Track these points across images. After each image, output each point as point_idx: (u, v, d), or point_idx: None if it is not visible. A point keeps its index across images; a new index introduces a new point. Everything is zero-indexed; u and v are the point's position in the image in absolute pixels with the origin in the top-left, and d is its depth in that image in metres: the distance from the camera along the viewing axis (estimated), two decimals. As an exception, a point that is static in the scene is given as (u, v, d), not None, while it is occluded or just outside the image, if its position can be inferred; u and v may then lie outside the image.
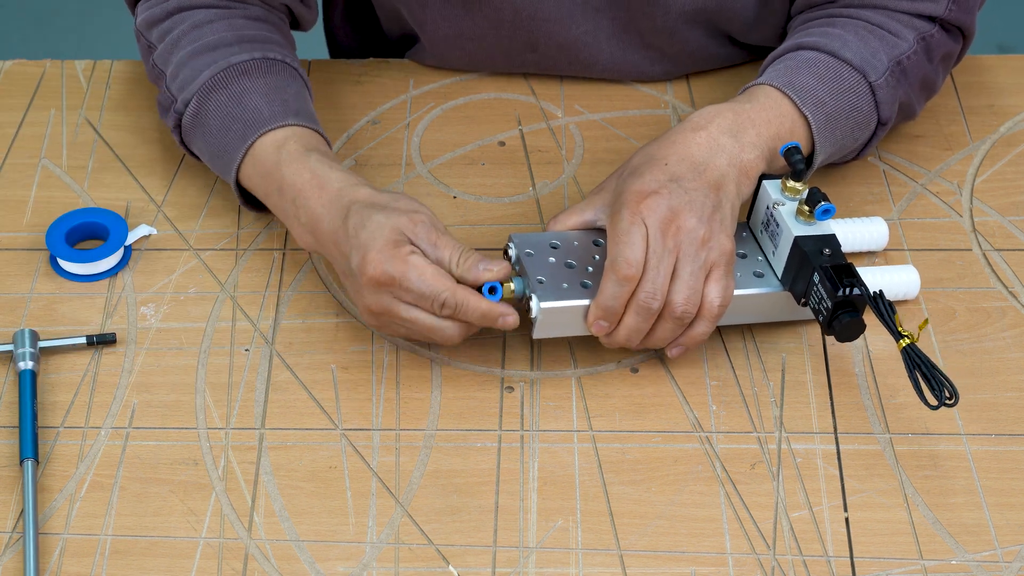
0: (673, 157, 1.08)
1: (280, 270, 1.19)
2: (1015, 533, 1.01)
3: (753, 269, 1.11)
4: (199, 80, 1.16)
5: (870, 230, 1.17)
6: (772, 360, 1.12)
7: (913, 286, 1.14)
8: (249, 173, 1.14)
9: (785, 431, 1.07)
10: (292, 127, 1.14)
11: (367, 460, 1.06)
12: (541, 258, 1.09)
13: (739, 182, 1.09)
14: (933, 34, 1.20)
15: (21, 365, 1.09)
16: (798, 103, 1.13)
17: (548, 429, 1.07)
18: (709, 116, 1.11)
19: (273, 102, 1.15)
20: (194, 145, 1.19)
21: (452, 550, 1.01)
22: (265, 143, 1.13)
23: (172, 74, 1.19)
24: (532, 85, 1.34)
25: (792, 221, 1.09)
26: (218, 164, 1.17)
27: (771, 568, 0.99)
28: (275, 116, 1.14)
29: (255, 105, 1.15)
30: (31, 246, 1.20)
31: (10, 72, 1.36)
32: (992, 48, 2.68)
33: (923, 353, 1.02)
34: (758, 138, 1.11)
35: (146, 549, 1.00)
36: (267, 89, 1.16)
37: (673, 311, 1.05)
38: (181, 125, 1.19)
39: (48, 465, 1.05)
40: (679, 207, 1.05)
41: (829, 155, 1.17)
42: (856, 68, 1.16)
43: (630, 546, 1.01)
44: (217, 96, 1.16)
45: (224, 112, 1.15)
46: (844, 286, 1.04)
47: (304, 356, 1.12)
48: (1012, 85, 1.34)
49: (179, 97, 1.18)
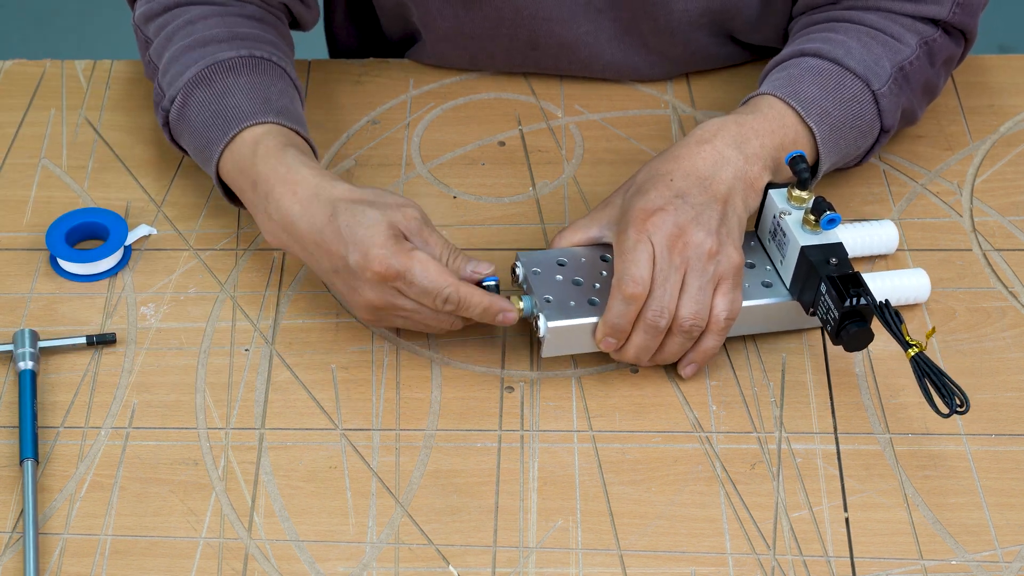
0: (678, 172, 1.08)
1: (280, 270, 1.19)
2: (1015, 533, 1.01)
3: (762, 279, 1.11)
4: (185, 76, 1.16)
5: (879, 233, 1.17)
6: (772, 360, 1.12)
7: (924, 290, 1.13)
8: (228, 168, 1.14)
9: (785, 431, 1.07)
10: (271, 124, 1.13)
11: (367, 460, 1.06)
12: (548, 276, 1.09)
13: (745, 194, 1.09)
14: (936, 38, 1.19)
15: (21, 365, 1.09)
16: (802, 114, 1.12)
17: (548, 429, 1.07)
18: (714, 129, 1.11)
19: (255, 99, 1.15)
20: (181, 140, 1.19)
21: (452, 550, 1.01)
22: (244, 138, 1.13)
23: (163, 69, 1.19)
24: (532, 85, 1.34)
25: (798, 230, 1.08)
26: (201, 159, 1.17)
27: (771, 568, 0.99)
28: (255, 112, 1.13)
29: (236, 102, 1.14)
30: (31, 246, 1.20)
31: (10, 72, 1.36)
32: (993, 48, 2.68)
33: (932, 362, 1.02)
34: (762, 149, 1.10)
35: (146, 549, 1.00)
36: (250, 87, 1.16)
37: (681, 325, 1.05)
38: (169, 121, 1.19)
39: (48, 465, 1.05)
40: (685, 223, 1.05)
41: (833, 164, 1.17)
42: (859, 76, 1.15)
43: (630, 546, 1.01)
44: (201, 92, 1.15)
45: (206, 108, 1.15)
46: (850, 296, 1.04)
47: (304, 356, 1.12)
48: (1012, 85, 1.34)
49: (167, 93, 1.18)
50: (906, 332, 1.03)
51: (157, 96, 1.20)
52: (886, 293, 1.12)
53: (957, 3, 1.19)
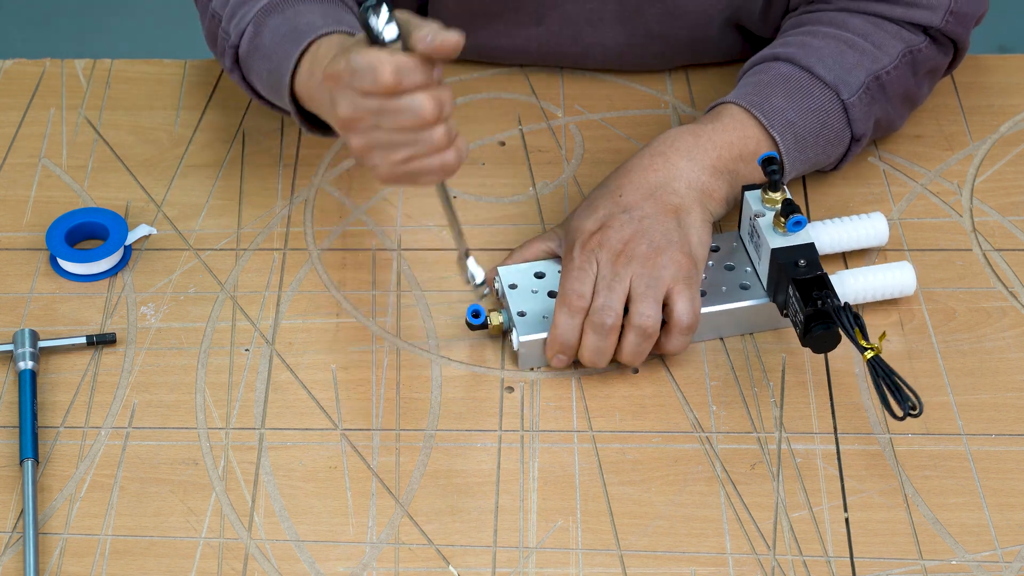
0: (628, 187, 1.11)
1: (280, 270, 1.19)
2: (1015, 533, 1.01)
3: (740, 281, 1.12)
4: (256, 7, 1.13)
5: (868, 227, 1.17)
6: (772, 360, 1.12)
7: (909, 284, 1.14)
8: (303, 80, 1.08)
9: (785, 431, 1.07)
10: (345, 34, 1.06)
11: (367, 460, 1.06)
12: (524, 291, 1.12)
13: (703, 203, 1.11)
14: (921, 48, 1.19)
15: (21, 365, 1.09)
16: (766, 124, 1.14)
17: (548, 429, 1.07)
18: (669, 141, 1.13)
19: (328, 18, 1.10)
20: (252, 73, 1.14)
21: (452, 550, 1.01)
22: (319, 44, 1.07)
23: (228, 15, 1.16)
24: (532, 85, 1.34)
25: (770, 233, 1.09)
26: (273, 81, 1.11)
27: (771, 568, 0.99)
28: (328, 25, 1.08)
29: (309, 20, 1.10)
30: (31, 246, 1.20)
31: (10, 72, 1.36)
32: (992, 48, 2.68)
33: (888, 365, 1.03)
34: (719, 160, 1.12)
35: (146, 549, 1.01)
36: (323, 10, 1.12)
37: (632, 321, 1.06)
38: (239, 58, 1.14)
39: (48, 465, 1.05)
40: (629, 236, 1.08)
41: (801, 171, 1.18)
42: (829, 85, 1.16)
43: (630, 546, 1.01)
44: (274, 19, 1.12)
45: (279, 31, 1.11)
46: (813, 300, 1.04)
47: (304, 356, 1.12)
48: (1012, 85, 1.34)
49: (234, 32, 1.14)
50: (861, 336, 1.04)
51: (222, 42, 1.16)
52: (870, 288, 1.13)
53: (951, 11, 1.19)
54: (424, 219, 1.22)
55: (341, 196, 1.24)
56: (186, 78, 1.35)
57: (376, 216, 1.23)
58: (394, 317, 1.15)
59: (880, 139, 1.27)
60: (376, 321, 1.15)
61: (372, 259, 1.19)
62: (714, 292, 1.11)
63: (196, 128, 1.30)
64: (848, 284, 1.12)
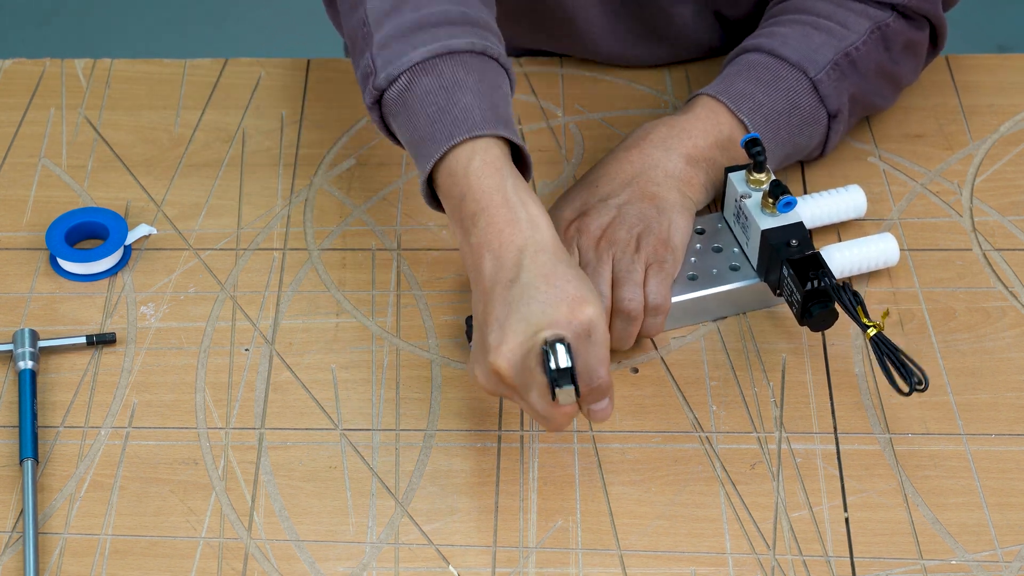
0: (604, 178, 1.14)
1: (280, 270, 1.19)
2: (1015, 533, 1.01)
3: (730, 262, 1.13)
4: (411, 57, 1.07)
5: (846, 199, 1.18)
6: (772, 360, 1.12)
7: (892, 253, 1.15)
8: (442, 170, 1.05)
9: (785, 431, 1.07)
10: (492, 138, 1.04)
11: (367, 460, 1.06)
12: None
13: (681, 191, 1.13)
14: (889, 23, 1.21)
15: (21, 365, 1.09)
16: (733, 109, 1.16)
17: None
18: (644, 132, 1.16)
19: (483, 103, 1.06)
20: (394, 123, 1.10)
21: (452, 550, 1.01)
22: (466, 146, 1.04)
23: (382, 41, 1.09)
24: (532, 84, 1.34)
25: (759, 214, 1.10)
26: (412, 151, 1.08)
27: (771, 568, 0.99)
28: (485, 121, 1.05)
29: (466, 104, 1.05)
30: (31, 246, 1.20)
31: (10, 71, 1.36)
32: (992, 48, 2.68)
33: (891, 341, 1.03)
34: (694, 148, 1.14)
35: (146, 549, 1.01)
36: (479, 89, 1.06)
37: (619, 307, 1.07)
38: (382, 102, 1.09)
39: (48, 465, 1.05)
40: (607, 222, 1.10)
41: (787, 155, 1.19)
42: (795, 65, 1.18)
43: (630, 546, 1.01)
44: (428, 81, 1.06)
45: (431, 101, 1.06)
46: (810, 279, 1.05)
47: (304, 356, 1.12)
48: (1012, 85, 1.34)
49: (382, 72, 1.08)
50: (863, 314, 1.04)
51: (366, 68, 1.09)
52: (854, 261, 1.14)
53: None
54: (424, 219, 1.22)
55: (341, 196, 1.24)
56: (186, 78, 1.35)
57: (376, 216, 1.23)
58: (394, 317, 1.15)
59: (876, 129, 1.27)
60: (376, 321, 1.15)
61: (372, 259, 1.19)
62: (705, 275, 1.12)
63: (196, 128, 1.30)
64: (835, 259, 1.13)
